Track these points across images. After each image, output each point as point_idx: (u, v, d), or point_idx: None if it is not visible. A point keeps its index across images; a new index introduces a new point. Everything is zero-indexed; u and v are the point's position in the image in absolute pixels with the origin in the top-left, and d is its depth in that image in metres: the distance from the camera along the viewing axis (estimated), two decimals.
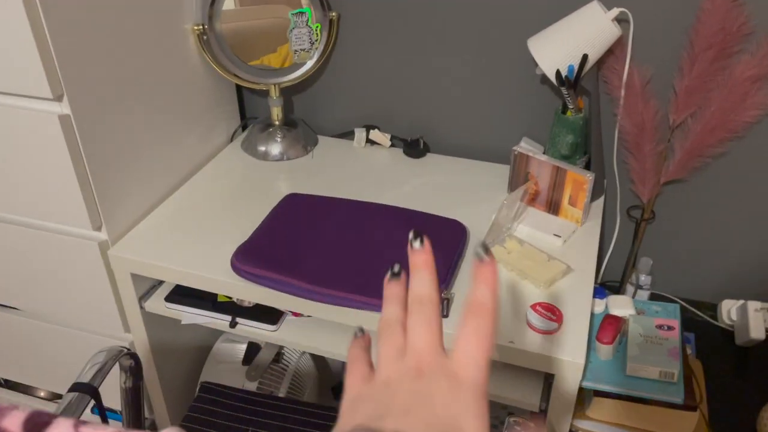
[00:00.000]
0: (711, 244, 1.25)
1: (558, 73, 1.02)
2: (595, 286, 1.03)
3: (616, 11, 1.00)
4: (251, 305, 1.05)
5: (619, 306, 1.02)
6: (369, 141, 1.34)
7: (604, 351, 0.94)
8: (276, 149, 1.29)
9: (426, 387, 0.36)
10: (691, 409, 0.90)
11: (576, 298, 0.93)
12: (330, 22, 1.24)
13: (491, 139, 1.29)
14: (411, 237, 0.41)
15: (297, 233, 1.01)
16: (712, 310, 1.23)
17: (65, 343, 1.22)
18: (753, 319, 1.09)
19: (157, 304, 1.08)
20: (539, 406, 0.92)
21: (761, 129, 1.11)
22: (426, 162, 1.28)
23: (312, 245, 0.99)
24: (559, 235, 1.04)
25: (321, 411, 1.11)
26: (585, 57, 1.01)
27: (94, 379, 0.82)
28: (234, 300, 1.06)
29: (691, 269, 1.29)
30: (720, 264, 1.26)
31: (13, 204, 1.03)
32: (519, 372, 0.97)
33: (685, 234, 1.25)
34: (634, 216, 1.23)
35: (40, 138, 0.93)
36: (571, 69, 1.03)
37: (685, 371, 0.94)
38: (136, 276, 1.05)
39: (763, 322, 1.09)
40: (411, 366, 0.38)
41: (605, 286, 1.32)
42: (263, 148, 1.29)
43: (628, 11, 1.04)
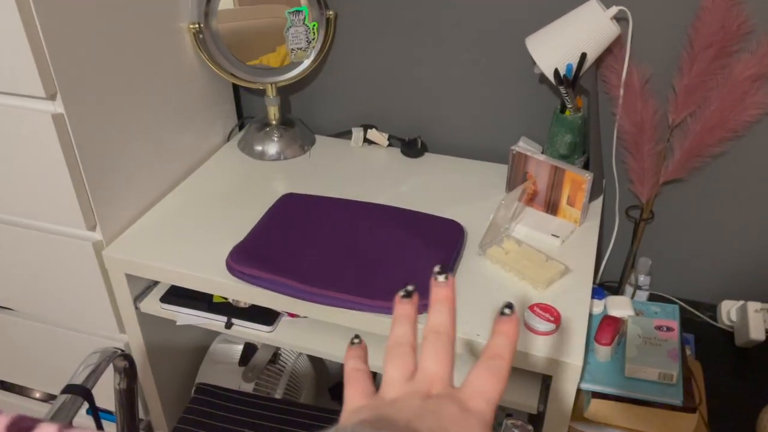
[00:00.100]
0: (710, 244, 1.24)
1: (556, 72, 1.01)
2: (594, 286, 1.02)
3: (615, 9, 1.00)
4: (247, 306, 1.04)
5: (618, 307, 1.02)
6: (366, 140, 1.33)
7: (602, 352, 0.94)
8: (273, 149, 1.28)
9: (434, 405, 0.35)
10: (691, 411, 0.89)
11: (574, 298, 0.92)
12: (327, 20, 1.23)
13: (489, 139, 1.29)
14: (436, 270, 0.42)
15: (293, 233, 1.00)
16: (711, 310, 1.22)
17: (60, 344, 1.21)
18: (753, 320, 1.08)
19: (153, 304, 1.07)
20: (537, 408, 0.91)
21: (761, 128, 1.10)
22: (424, 161, 1.27)
23: (308, 245, 0.98)
24: (558, 236, 1.04)
25: (318, 413, 1.10)
26: (583, 56, 1.00)
27: (87, 381, 0.81)
28: (230, 301, 1.05)
29: (691, 270, 1.28)
30: (720, 264, 1.25)
31: (7, 204, 1.03)
32: (516, 374, 0.96)
33: (685, 234, 1.25)
34: (633, 216, 1.23)
35: (33, 137, 0.92)
36: (570, 68, 1.02)
37: (685, 372, 0.93)
38: (131, 276, 1.04)
39: (763, 322, 1.08)
40: (420, 389, 0.37)
41: (604, 286, 1.32)
42: (260, 147, 1.28)
43: (627, 9, 1.04)
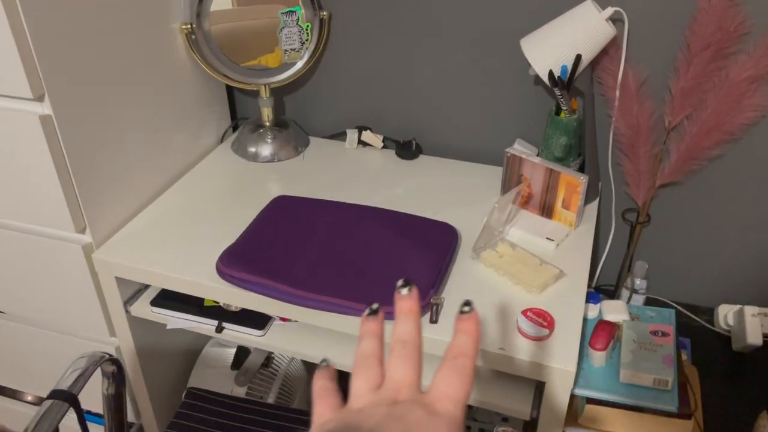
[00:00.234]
0: (708, 247, 1.23)
1: (551, 74, 1.00)
2: (590, 290, 1.01)
3: (610, 10, 0.99)
4: (238, 309, 1.03)
5: (613, 311, 1.01)
6: (361, 142, 1.32)
7: (597, 358, 0.92)
8: (266, 150, 1.27)
9: (401, 411, 0.36)
10: (686, 417, 0.88)
11: (568, 303, 0.91)
12: (321, 21, 1.22)
13: (484, 141, 1.28)
14: (400, 284, 0.43)
15: (285, 236, 0.99)
16: (708, 314, 1.21)
17: (51, 347, 1.20)
18: (750, 324, 1.07)
19: (143, 308, 1.06)
20: (530, 414, 0.90)
21: (758, 131, 1.09)
22: (418, 164, 1.26)
23: (300, 249, 0.97)
24: (552, 239, 1.03)
25: (310, 418, 1.09)
26: (578, 57, 0.99)
27: (74, 386, 0.80)
28: (221, 304, 1.04)
29: (688, 273, 1.27)
30: (717, 268, 1.24)
31: None
32: (509, 379, 0.95)
33: (682, 237, 1.24)
34: (629, 219, 1.22)
35: (20, 139, 0.91)
36: (565, 69, 1.01)
37: (680, 378, 0.92)
38: (121, 280, 1.03)
39: (761, 327, 1.07)
40: (387, 396, 0.38)
41: (600, 290, 1.31)
42: (253, 149, 1.27)
43: (622, 11, 1.02)
